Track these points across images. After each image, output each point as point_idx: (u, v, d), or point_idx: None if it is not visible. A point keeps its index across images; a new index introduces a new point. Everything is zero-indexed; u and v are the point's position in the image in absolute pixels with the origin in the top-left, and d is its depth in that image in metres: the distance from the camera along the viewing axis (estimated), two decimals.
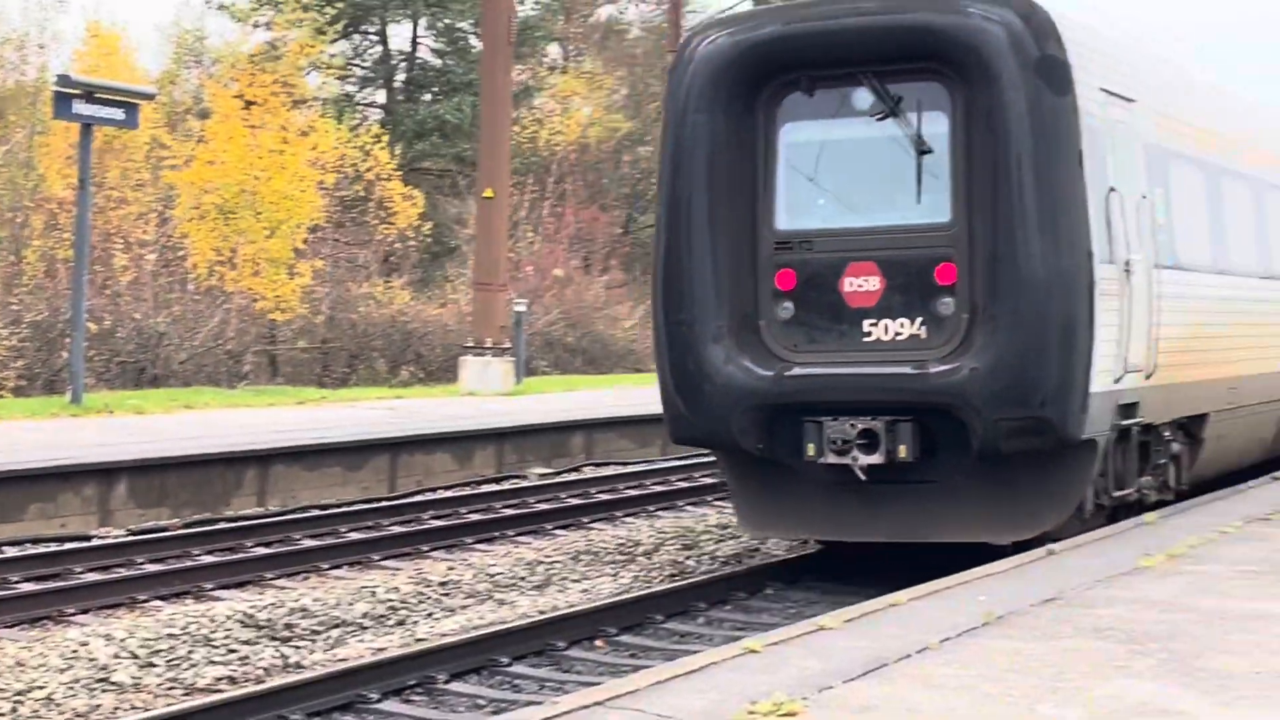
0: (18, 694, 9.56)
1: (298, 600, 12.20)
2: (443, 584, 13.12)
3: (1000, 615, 8.51)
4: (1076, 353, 11.59)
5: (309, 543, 15.07)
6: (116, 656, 10.41)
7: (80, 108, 21.51)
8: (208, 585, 13.00)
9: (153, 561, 13.96)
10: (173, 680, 10.09)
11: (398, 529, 16.00)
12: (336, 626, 11.66)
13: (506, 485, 19.54)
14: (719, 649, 8.14)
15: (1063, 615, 8.57)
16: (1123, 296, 12.31)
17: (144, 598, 12.48)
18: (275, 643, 11.09)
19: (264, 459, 17.50)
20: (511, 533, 16.01)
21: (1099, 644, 7.80)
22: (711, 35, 12.49)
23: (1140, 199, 13.02)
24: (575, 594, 13.10)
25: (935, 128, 11.97)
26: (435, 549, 15.03)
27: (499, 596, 12.94)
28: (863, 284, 12.02)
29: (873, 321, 11.98)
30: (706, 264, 12.22)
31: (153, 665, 10.35)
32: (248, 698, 9.11)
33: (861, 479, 11.82)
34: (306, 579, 13.59)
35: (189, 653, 10.67)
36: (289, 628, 11.47)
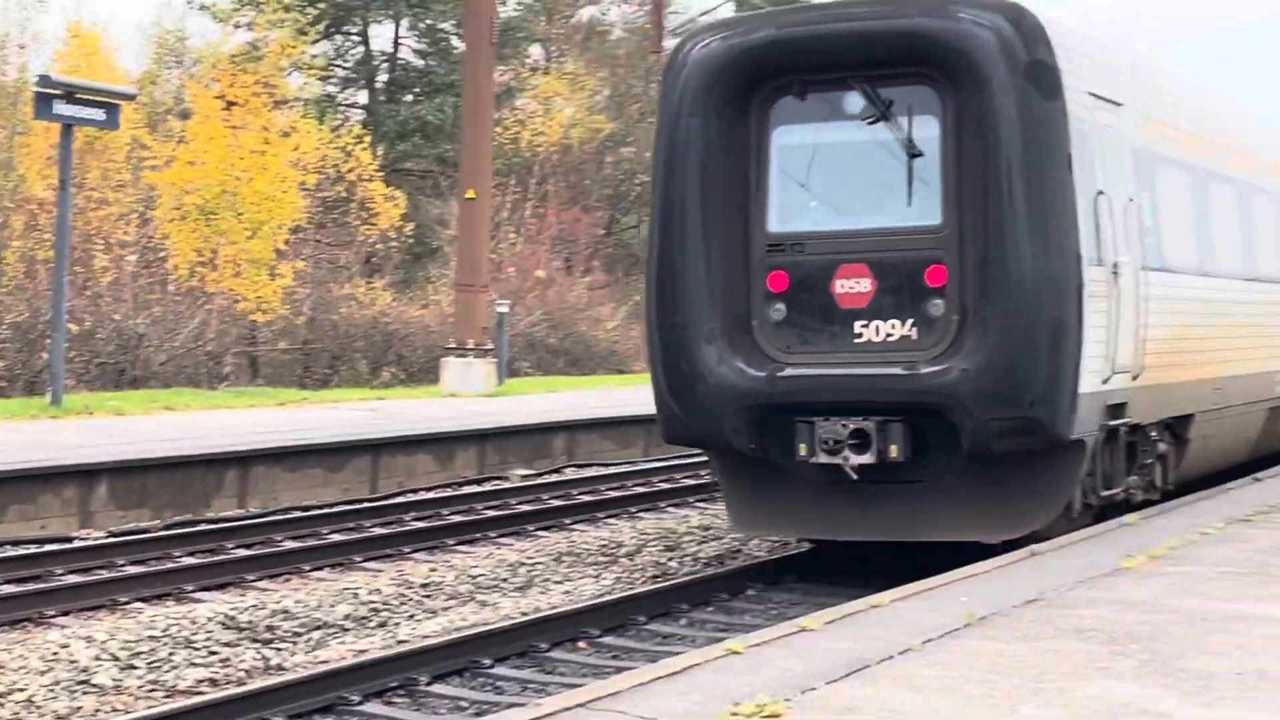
0: None
1: (279, 602, 12.17)
2: (424, 585, 13.11)
3: (982, 616, 8.52)
4: (1066, 354, 11.67)
5: (290, 544, 15.05)
6: (97, 658, 10.39)
7: (61, 108, 21.43)
8: (189, 587, 12.98)
9: (133, 563, 13.93)
10: (154, 682, 10.07)
11: (379, 530, 15.99)
12: (318, 628, 11.65)
13: (488, 486, 19.52)
14: (701, 650, 8.14)
15: (1045, 616, 8.59)
16: (1111, 298, 12.39)
17: (125, 599, 12.46)
18: (257, 645, 11.07)
19: (245, 460, 17.47)
20: (493, 534, 16.01)
21: (1081, 645, 7.82)
22: (705, 39, 12.57)
23: (1128, 202, 13.11)
24: (557, 595, 13.10)
25: (926, 131, 12.06)
26: (417, 550, 15.02)
27: (481, 598, 12.93)
28: (854, 286, 12.09)
29: (864, 323, 12.06)
30: (699, 266, 12.29)
31: (134, 667, 10.33)
32: (229, 700, 9.10)
33: (853, 479, 11.91)
34: (288, 580, 13.57)
35: (170, 655, 10.64)
36: (270, 629, 11.45)
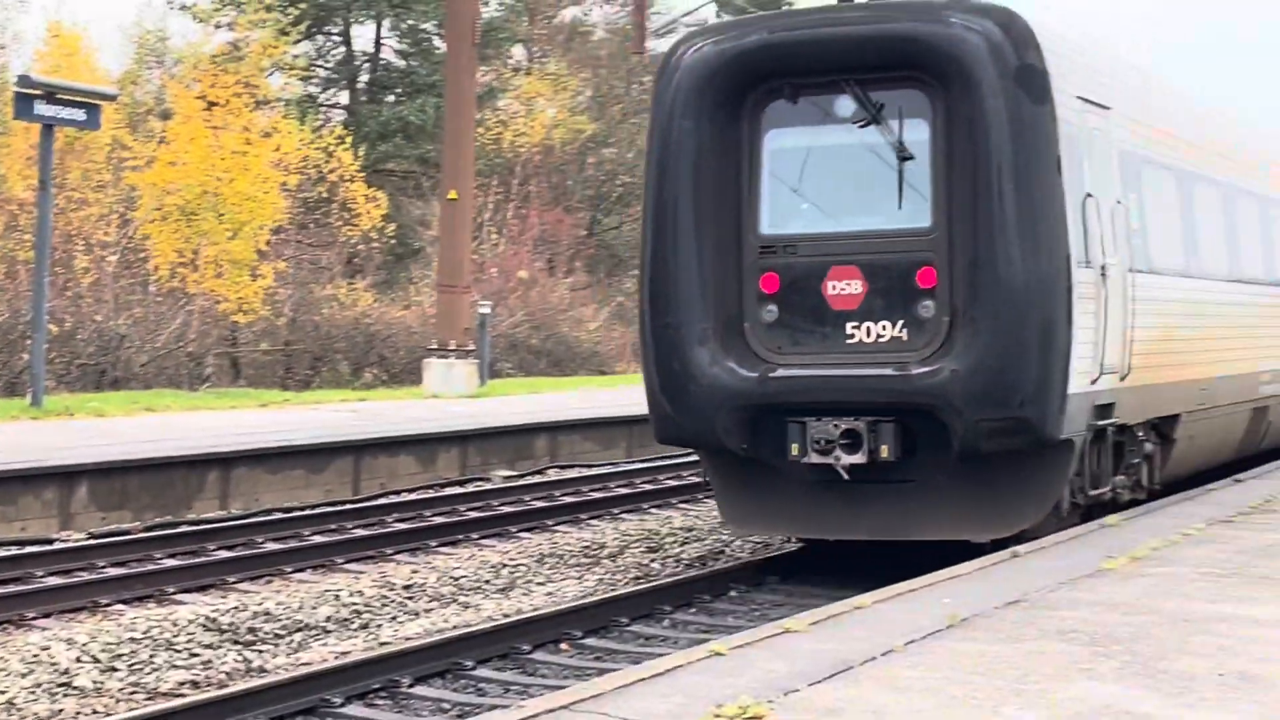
0: None
1: (260, 604, 12.15)
2: (406, 587, 13.09)
3: (965, 617, 8.53)
4: (1055, 355, 11.79)
5: (272, 546, 15.02)
6: (78, 660, 10.36)
7: (41, 108, 21.36)
8: (170, 589, 12.95)
9: (114, 565, 13.88)
10: (135, 684, 10.04)
11: (361, 532, 15.96)
12: (299, 630, 11.63)
13: (471, 488, 19.49)
14: (684, 652, 8.14)
15: (1027, 617, 8.60)
16: (1099, 300, 12.50)
17: (106, 601, 12.42)
18: (238, 646, 11.05)
19: (226, 461, 17.42)
20: (475, 535, 15.99)
21: (1063, 646, 7.83)
22: (697, 44, 12.67)
23: (1115, 204, 13.22)
24: (540, 597, 13.09)
25: (916, 134, 12.17)
26: (399, 552, 14.99)
27: (463, 599, 12.91)
28: (845, 287, 12.19)
29: (855, 324, 12.16)
30: (692, 267, 12.38)
31: (115, 669, 10.30)
32: (210, 702, 9.07)
33: (844, 478, 12.00)
34: (269, 582, 13.54)
35: (151, 657, 10.62)
36: (252, 631, 11.43)
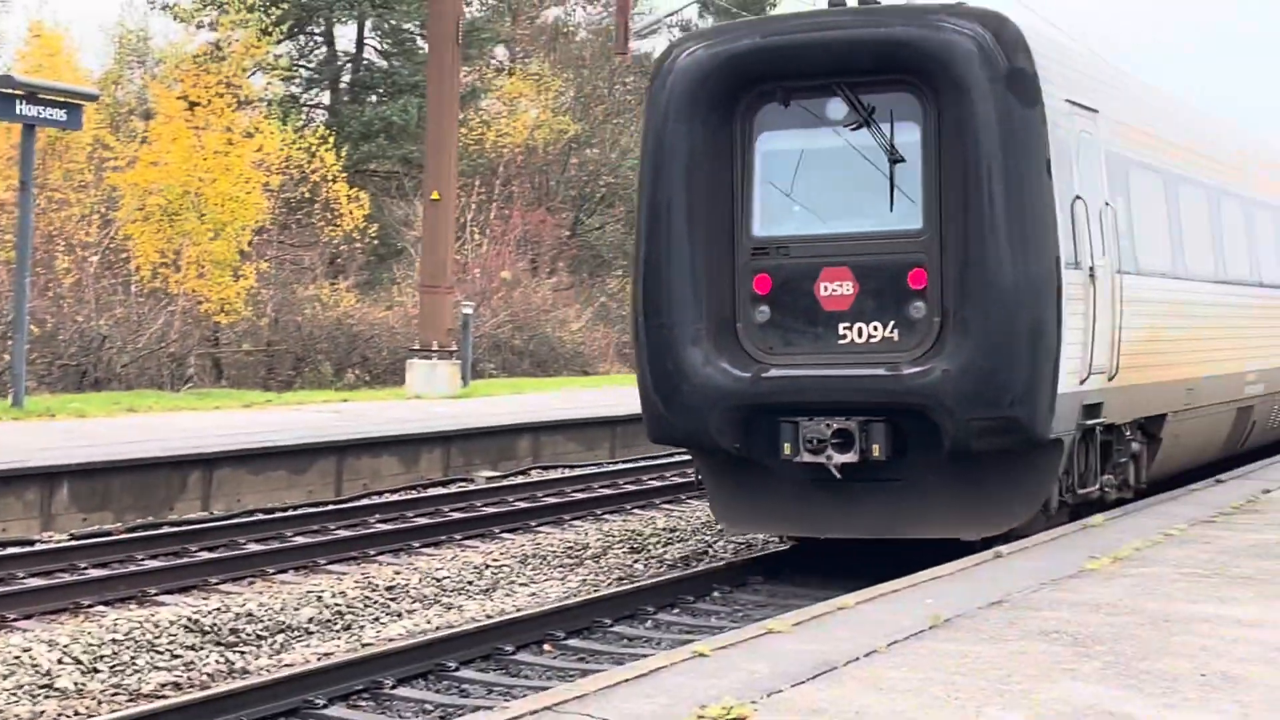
0: None
1: (243, 605, 12.12)
2: (389, 588, 13.07)
3: (947, 618, 8.55)
4: (1044, 355, 11.90)
5: (254, 547, 14.99)
6: (60, 662, 10.32)
7: (23, 108, 21.30)
8: (152, 590, 12.92)
9: (96, 566, 13.84)
10: (117, 686, 10.01)
11: (344, 533, 15.93)
12: (282, 631, 11.61)
13: (453, 489, 19.48)
14: (668, 653, 8.15)
15: (1009, 618, 8.61)
16: (1088, 301, 12.63)
17: (88, 603, 12.39)
18: (220, 648, 11.03)
19: (208, 462, 17.38)
20: (459, 536, 15.97)
21: (1045, 646, 7.84)
22: (691, 47, 12.78)
23: (1103, 206, 13.33)
24: (523, 598, 13.09)
25: (907, 137, 12.28)
26: (382, 553, 14.98)
27: (446, 601, 12.90)
28: (837, 288, 12.29)
29: (847, 325, 12.27)
30: (685, 268, 12.49)
31: (96, 671, 10.27)
32: (193, 703, 9.04)
33: (836, 477, 12.11)
34: (252, 583, 13.51)
35: (133, 658, 10.59)
36: (234, 633, 11.41)
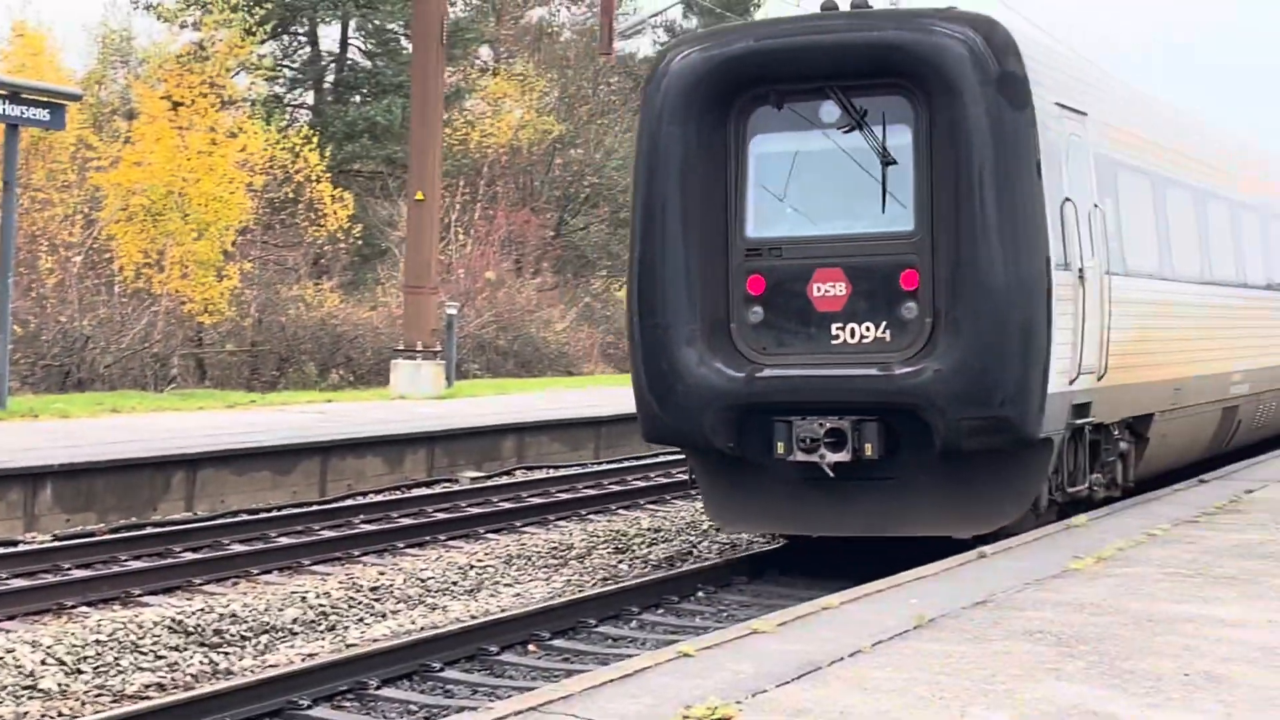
0: None
1: (227, 606, 12.10)
2: (374, 589, 13.06)
3: (931, 618, 8.56)
4: (1035, 355, 12.00)
5: (238, 548, 14.97)
6: (44, 663, 10.30)
7: (6, 108, 21.24)
8: (136, 591, 12.89)
9: (80, 567, 13.81)
10: (100, 687, 9.99)
11: (328, 533, 15.92)
12: (266, 632, 11.59)
13: (438, 489, 19.47)
14: (652, 653, 8.15)
15: (993, 618, 8.63)
16: (1077, 302, 12.74)
17: (71, 603, 12.37)
18: (204, 649, 11.01)
19: (192, 463, 17.36)
20: (443, 537, 15.97)
21: (1029, 646, 7.86)
22: (685, 51, 12.89)
23: (1092, 208, 13.45)
24: (507, 598, 13.08)
25: (899, 140, 12.38)
26: (366, 553, 14.97)
27: (430, 601, 12.89)
28: (830, 289, 12.40)
29: (840, 325, 12.37)
30: (680, 269, 12.59)
31: (80, 672, 10.25)
32: (176, 704, 9.03)
33: (829, 476, 12.21)
34: (236, 584, 13.49)
35: (117, 659, 10.57)
36: (218, 634, 11.39)
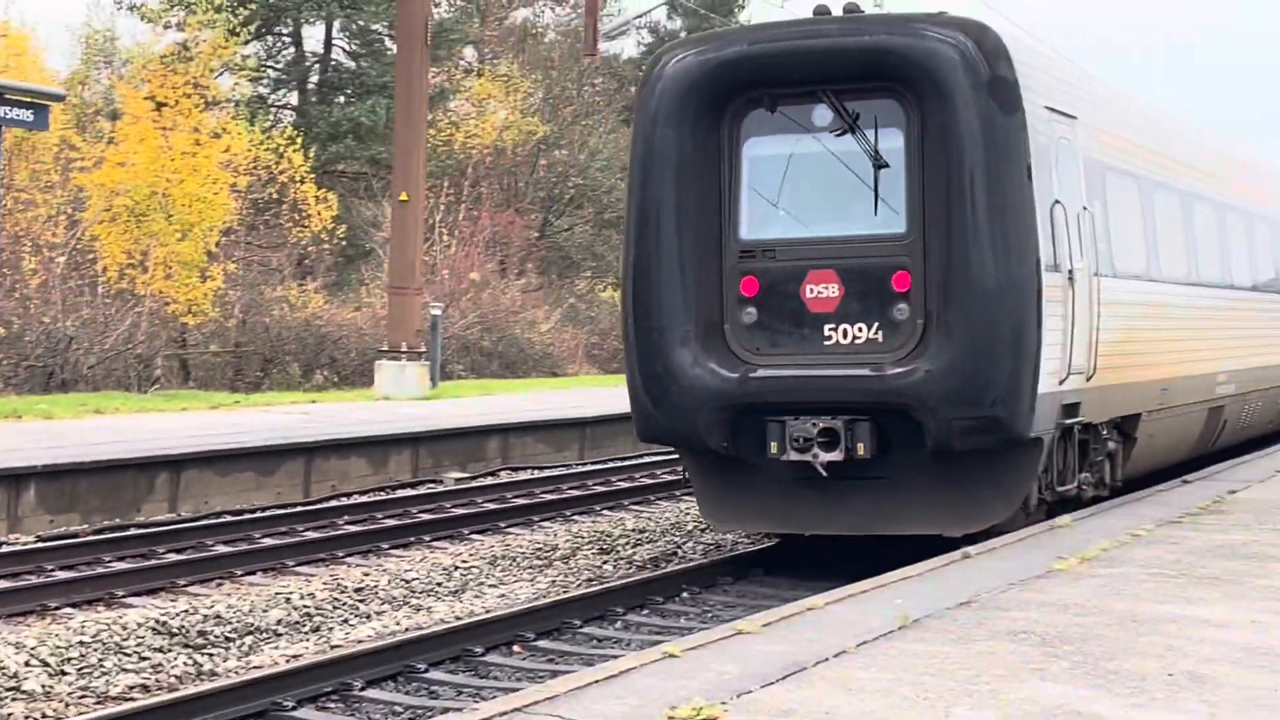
0: None
1: (211, 607, 12.08)
2: (358, 590, 13.05)
3: (916, 619, 8.57)
4: (1025, 356, 12.11)
5: (222, 549, 14.95)
6: (27, 664, 10.27)
7: None
8: (119, 592, 12.87)
9: (63, 568, 13.78)
10: (84, 689, 9.97)
11: (312, 534, 15.90)
12: (250, 633, 11.57)
13: (422, 490, 19.46)
14: (637, 654, 8.15)
15: (978, 618, 8.64)
16: (1066, 303, 12.86)
17: (55, 605, 12.34)
18: (188, 650, 10.99)
19: (176, 464, 17.32)
20: (428, 538, 15.95)
21: (1014, 647, 7.87)
22: (679, 54, 12.99)
23: (1081, 210, 13.57)
24: (492, 599, 13.08)
25: (891, 143, 12.51)
26: (350, 554, 14.95)
27: (415, 602, 12.88)
28: (823, 291, 12.51)
29: (832, 326, 12.49)
30: (674, 271, 12.70)
31: (64, 673, 10.23)
32: (161, 706, 9.01)
33: (822, 475, 12.32)
34: (220, 585, 13.47)
35: (101, 660, 10.55)
36: (202, 635, 11.37)
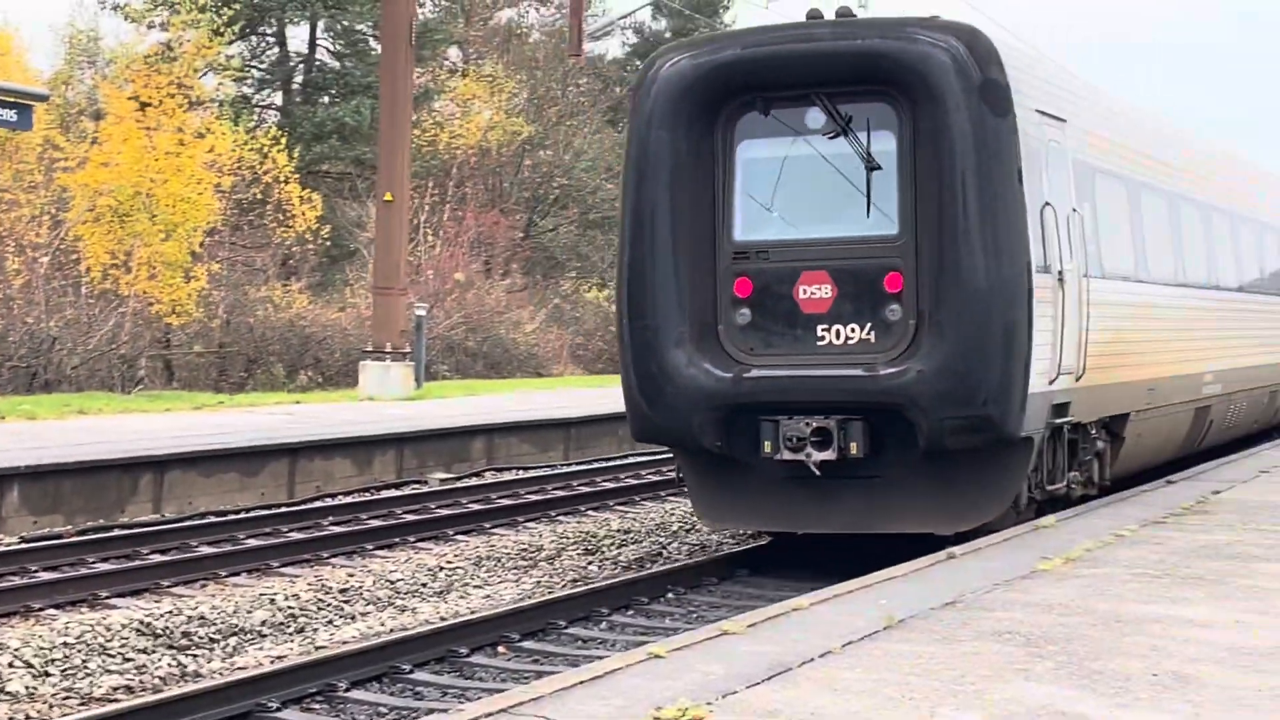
0: None
1: (195, 608, 12.06)
2: (343, 591, 13.03)
3: (901, 619, 8.59)
4: (1016, 356, 12.22)
5: (207, 550, 14.93)
6: (11, 666, 10.25)
7: None
8: (104, 593, 12.84)
9: (47, 570, 13.75)
10: (69, 690, 9.95)
11: (297, 535, 15.88)
12: (235, 634, 11.56)
13: (407, 490, 19.44)
14: (623, 654, 8.15)
15: (962, 618, 8.66)
16: (1056, 304, 12.97)
17: (39, 606, 12.31)
18: (173, 651, 10.98)
19: (160, 465, 17.29)
20: (412, 538, 15.95)
21: (998, 647, 7.89)
22: (674, 57, 13.07)
23: (1071, 212, 13.68)
24: (477, 600, 13.07)
25: (884, 146, 12.61)
26: (335, 555, 14.94)
27: (400, 603, 12.87)
28: (816, 292, 12.62)
29: (825, 327, 12.60)
30: (669, 272, 12.80)
31: (48, 675, 10.21)
32: (145, 707, 8.99)
33: (815, 474, 12.42)
34: (204, 586, 13.45)
35: (85, 662, 10.53)
36: (187, 636, 11.35)
